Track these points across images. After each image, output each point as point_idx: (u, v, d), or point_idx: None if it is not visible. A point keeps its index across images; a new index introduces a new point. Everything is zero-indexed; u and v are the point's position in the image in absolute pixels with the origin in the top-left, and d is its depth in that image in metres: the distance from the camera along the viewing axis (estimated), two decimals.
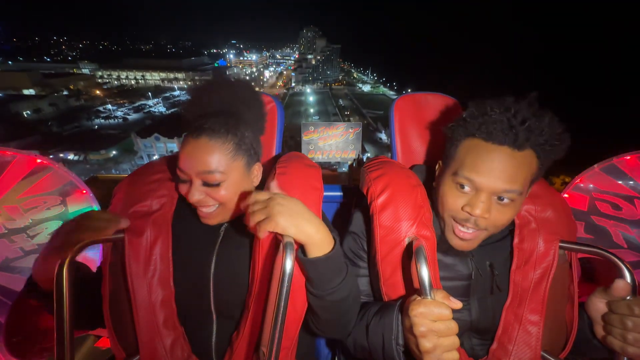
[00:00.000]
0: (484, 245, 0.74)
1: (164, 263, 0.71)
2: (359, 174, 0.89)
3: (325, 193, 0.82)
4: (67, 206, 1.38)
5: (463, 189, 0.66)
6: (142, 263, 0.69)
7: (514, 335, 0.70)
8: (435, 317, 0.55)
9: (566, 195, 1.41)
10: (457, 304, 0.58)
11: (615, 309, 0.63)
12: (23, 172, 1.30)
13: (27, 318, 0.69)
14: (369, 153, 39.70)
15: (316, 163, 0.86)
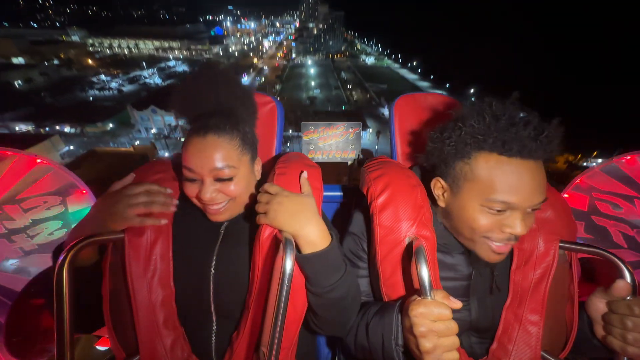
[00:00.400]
0: None
1: (164, 263, 0.71)
2: (359, 174, 0.88)
3: (325, 193, 0.82)
4: (67, 206, 1.37)
5: (495, 210, 0.64)
6: (142, 263, 0.69)
7: (514, 335, 0.70)
8: (435, 317, 0.55)
9: (566, 195, 1.41)
10: (457, 304, 0.58)
11: (615, 309, 0.63)
12: (23, 172, 1.29)
13: (27, 318, 0.69)
14: (371, 128, 38.75)
15: (316, 163, 0.85)
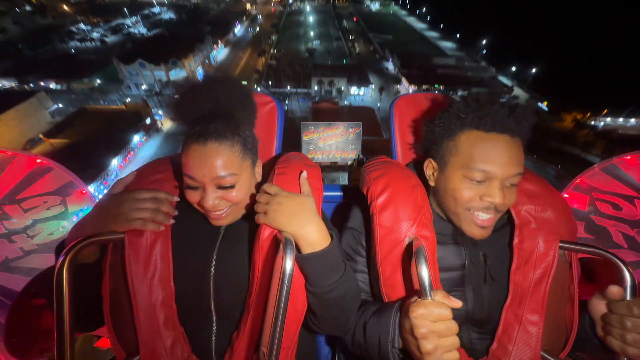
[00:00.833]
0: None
1: (164, 263, 0.71)
2: (359, 174, 0.89)
3: (325, 193, 0.83)
4: (67, 206, 1.37)
5: (476, 181, 0.69)
6: (142, 263, 0.69)
7: (514, 335, 0.70)
8: (435, 318, 0.56)
9: (566, 195, 1.41)
10: (457, 303, 0.58)
11: (614, 310, 0.63)
12: (23, 172, 1.30)
13: (27, 318, 0.69)
14: (373, 84, 36.65)
15: (316, 163, 0.86)
